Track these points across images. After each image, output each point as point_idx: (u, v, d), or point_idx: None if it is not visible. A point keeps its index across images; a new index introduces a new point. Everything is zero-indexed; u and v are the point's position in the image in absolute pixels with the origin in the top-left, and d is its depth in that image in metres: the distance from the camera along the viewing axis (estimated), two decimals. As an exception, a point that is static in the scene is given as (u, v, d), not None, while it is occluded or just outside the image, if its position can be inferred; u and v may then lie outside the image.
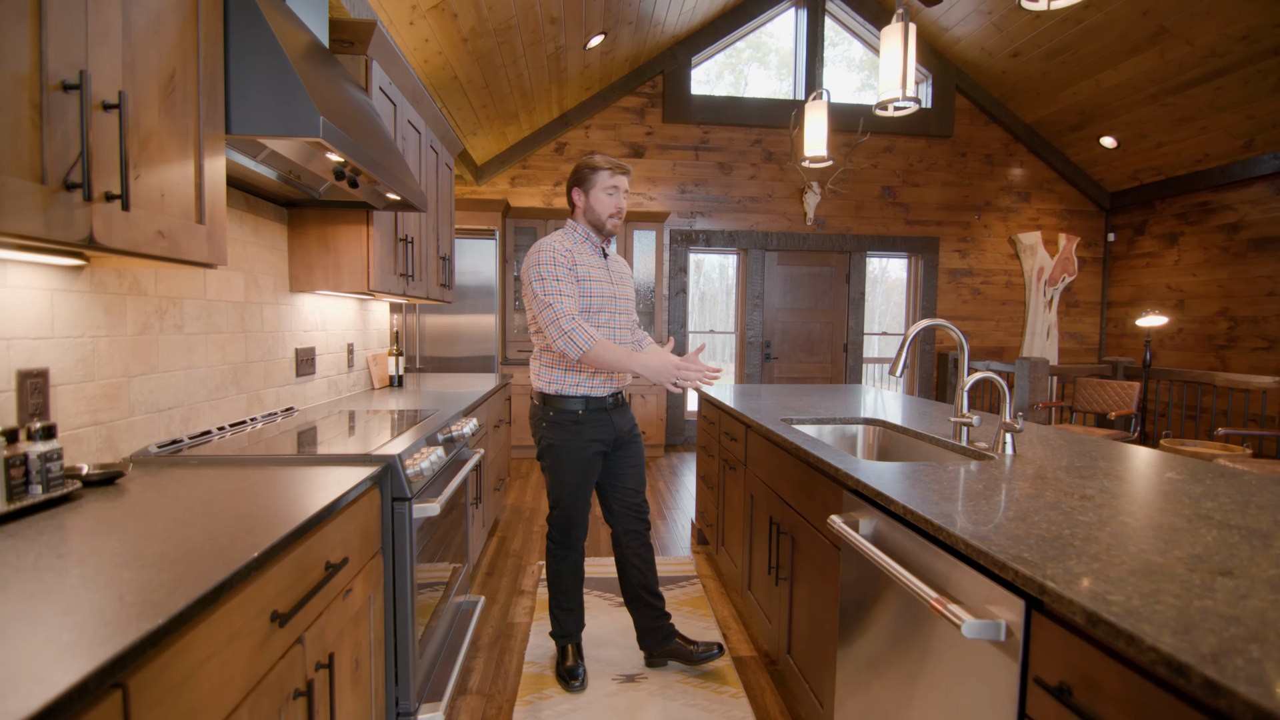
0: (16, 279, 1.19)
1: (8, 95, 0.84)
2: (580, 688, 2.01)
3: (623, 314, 2.05)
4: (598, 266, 1.99)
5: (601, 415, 1.99)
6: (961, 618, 0.94)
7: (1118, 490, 1.31)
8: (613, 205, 1.95)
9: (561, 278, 1.87)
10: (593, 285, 1.95)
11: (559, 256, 1.89)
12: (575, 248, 1.95)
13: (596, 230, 1.99)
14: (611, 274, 2.03)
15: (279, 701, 1.00)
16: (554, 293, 1.85)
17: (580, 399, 1.96)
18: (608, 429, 2.01)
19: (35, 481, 1.11)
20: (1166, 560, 0.92)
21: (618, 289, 2.03)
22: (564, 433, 1.97)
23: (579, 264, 1.93)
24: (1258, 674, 0.62)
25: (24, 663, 0.61)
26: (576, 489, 2.00)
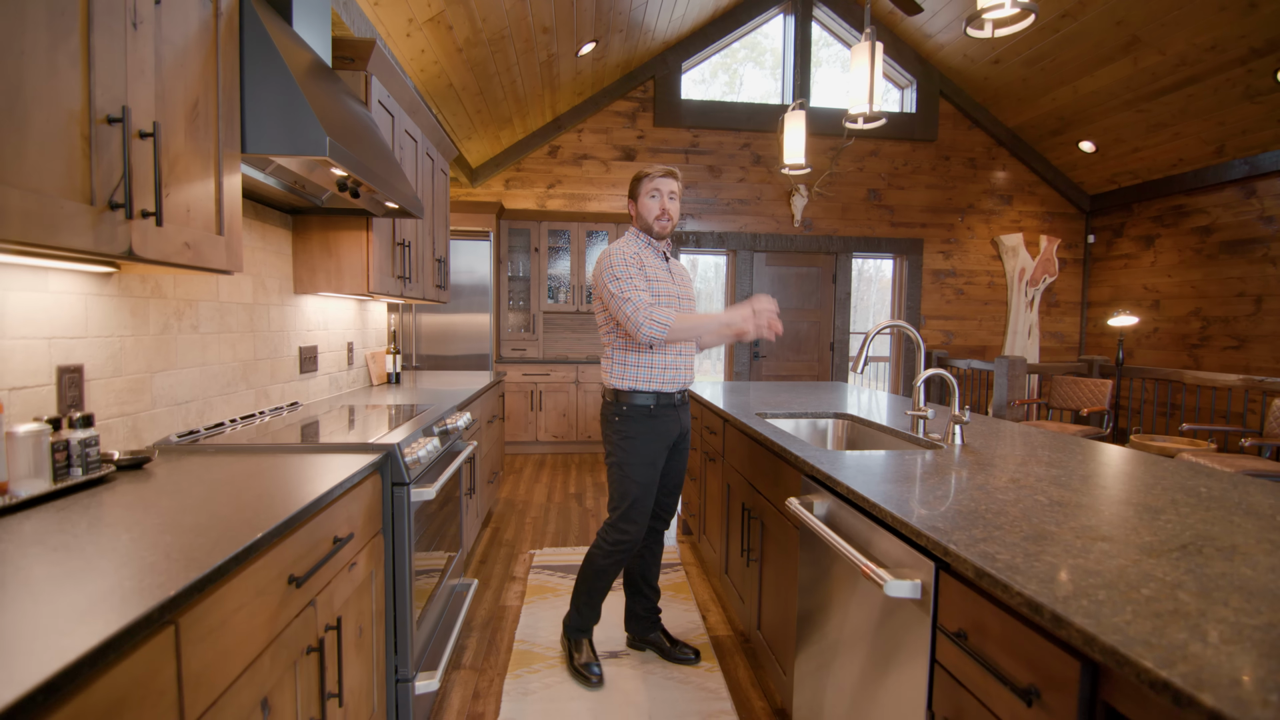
0: (57, 284, 1.33)
1: (64, 131, 0.99)
2: (600, 684, 2.06)
3: (685, 312, 2.14)
4: (661, 269, 2.09)
5: (670, 411, 2.09)
6: (884, 579, 1.09)
7: (1043, 475, 1.47)
8: (656, 208, 2.04)
9: (634, 275, 1.98)
10: (659, 285, 2.05)
11: (629, 258, 2.00)
12: (641, 251, 2.06)
13: (649, 234, 2.09)
14: (674, 276, 2.14)
15: (294, 655, 1.14)
16: (630, 288, 1.96)
17: (652, 394, 2.05)
18: (674, 424, 2.11)
19: (76, 464, 1.25)
20: (1060, 530, 1.07)
21: (680, 289, 2.14)
22: (636, 425, 2.05)
23: (646, 265, 2.04)
24: (1095, 610, 0.77)
25: (98, 601, 0.75)
26: (647, 484, 2.06)
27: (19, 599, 0.76)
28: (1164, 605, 0.79)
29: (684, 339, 1.98)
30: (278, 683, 1.08)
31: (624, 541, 2.08)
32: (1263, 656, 0.67)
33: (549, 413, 5.56)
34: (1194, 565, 0.92)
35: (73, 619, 0.71)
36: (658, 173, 2.06)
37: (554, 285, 5.83)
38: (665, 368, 2.07)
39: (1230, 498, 1.30)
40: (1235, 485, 1.40)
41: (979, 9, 1.68)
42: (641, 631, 2.27)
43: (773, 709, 1.96)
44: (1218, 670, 0.64)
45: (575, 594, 2.17)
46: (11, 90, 0.89)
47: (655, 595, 2.29)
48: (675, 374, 2.08)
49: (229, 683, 0.93)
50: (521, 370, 5.54)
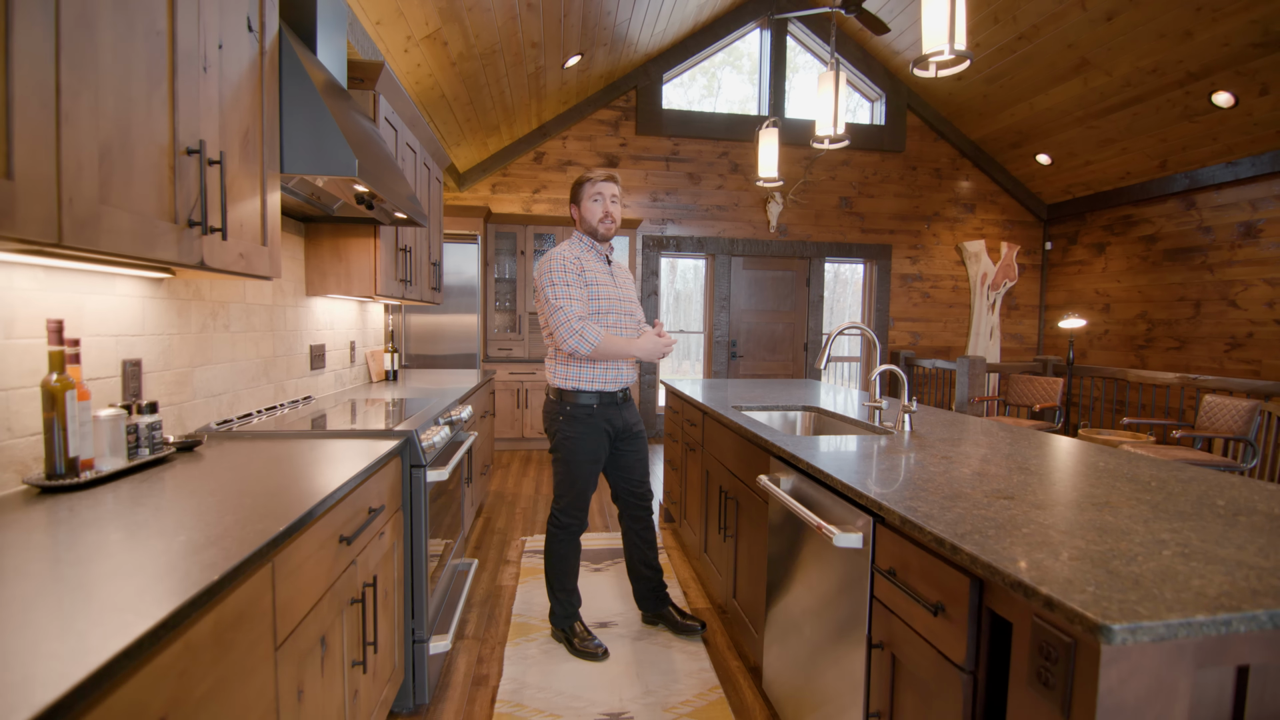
0: (122, 289, 1.52)
1: (156, 162, 1.19)
2: (605, 656, 2.19)
3: (627, 314, 2.25)
4: (603, 272, 2.19)
5: (612, 409, 2.22)
6: (834, 533, 1.33)
7: (972, 453, 1.73)
8: (600, 210, 2.13)
9: (571, 283, 2.07)
10: (600, 289, 2.15)
11: (568, 264, 2.09)
12: (583, 255, 2.16)
13: (593, 237, 2.18)
14: (615, 279, 2.23)
15: (342, 603, 1.35)
16: (564, 297, 2.05)
17: (594, 394, 2.18)
18: (616, 420, 2.24)
19: (144, 445, 1.44)
20: (974, 491, 1.32)
21: (622, 292, 2.23)
22: (580, 425, 2.18)
23: (586, 269, 2.13)
24: (983, 542, 1.02)
25: (213, 542, 0.96)
26: (590, 476, 2.23)
27: (151, 540, 0.96)
28: (1036, 539, 1.04)
29: (604, 359, 2.11)
30: (331, 625, 1.29)
31: (571, 527, 2.25)
32: (1093, 568, 0.92)
33: (535, 410, 5.75)
34: (1070, 514, 1.18)
35: (195, 554, 0.92)
36: (599, 176, 2.14)
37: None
38: (607, 368, 2.18)
39: (1121, 470, 1.57)
40: (1128, 461, 1.67)
41: (924, 54, 1.93)
42: (652, 609, 2.43)
43: (747, 667, 2.20)
44: (1058, 575, 0.89)
45: (549, 586, 2.32)
46: (123, 131, 1.09)
47: (656, 574, 2.42)
48: (617, 374, 2.21)
49: (301, 617, 1.14)
50: (508, 369, 5.73)
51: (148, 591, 0.78)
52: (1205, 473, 1.54)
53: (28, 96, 0.88)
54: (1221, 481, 1.46)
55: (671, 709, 1.95)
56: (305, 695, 1.16)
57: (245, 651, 0.93)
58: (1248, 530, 1.11)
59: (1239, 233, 5.27)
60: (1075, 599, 0.81)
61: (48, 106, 0.92)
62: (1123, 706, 0.79)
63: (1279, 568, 0.94)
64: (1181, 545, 1.03)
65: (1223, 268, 5.39)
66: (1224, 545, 1.03)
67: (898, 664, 1.21)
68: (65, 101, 0.95)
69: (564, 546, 2.28)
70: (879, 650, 1.26)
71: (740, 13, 6.22)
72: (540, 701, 1.98)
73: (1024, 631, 0.90)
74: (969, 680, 1.01)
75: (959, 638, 1.02)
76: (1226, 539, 1.06)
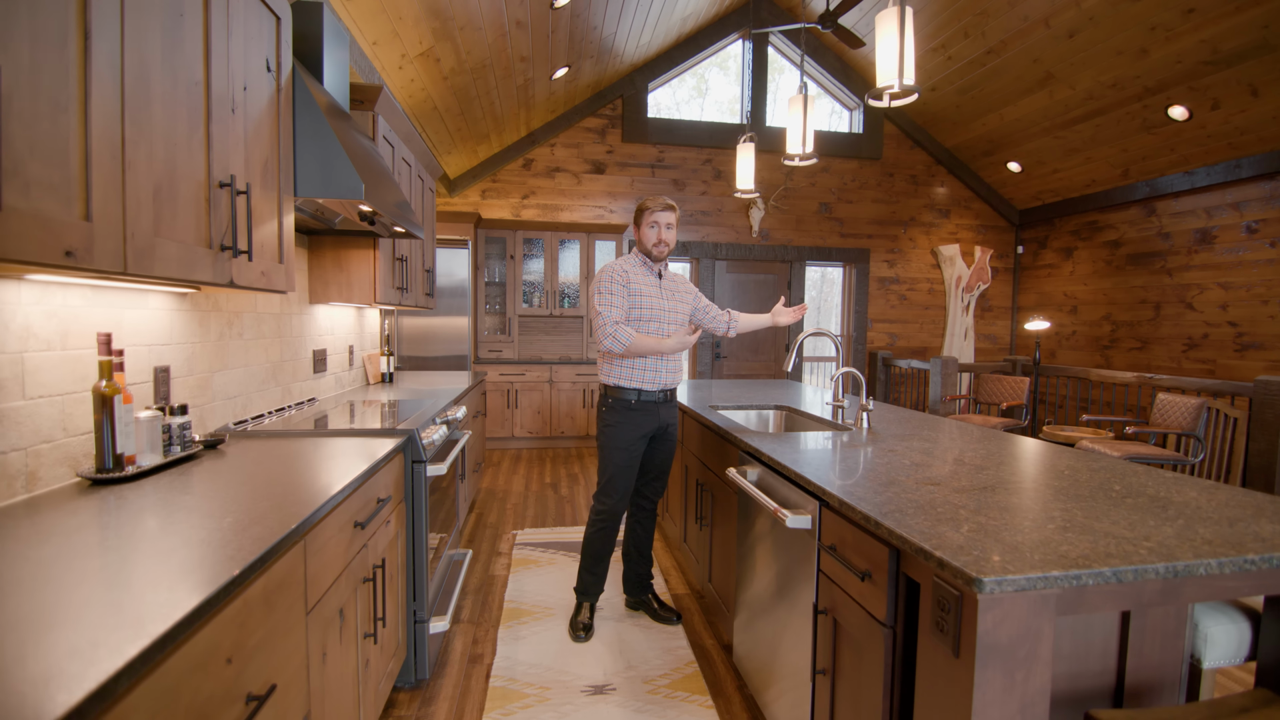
0: (154, 303, 1.69)
1: (195, 196, 1.36)
2: (585, 638, 2.41)
3: (673, 323, 2.46)
4: (651, 285, 2.42)
5: (651, 407, 2.44)
6: (786, 515, 1.53)
7: (917, 447, 1.94)
8: (654, 237, 2.41)
9: (616, 293, 2.34)
10: (644, 299, 2.39)
11: (616, 276, 2.36)
12: (632, 270, 2.40)
13: (648, 257, 2.44)
14: (664, 291, 2.46)
15: (356, 582, 1.53)
16: (606, 305, 2.33)
17: (635, 390, 2.41)
18: (653, 419, 2.45)
19: (175, 443, 1.62)
20: (907, 479, 1.53)
21: (669, 303, 2.46)
22: (618, 417, 2.41)
23: (633, 282, 2.38)
24: (901, 519, 1.22)
25: (256, 521, 1.14)
26: (622, 465, 2.42)
27: (205, 520, 1.14)
28: (946, 516, 1.24)
29: (636, 355, 2.36)
30: (348, 599, 1.48)
31: (603, 512, 2.46)
32: (985, 538, 1.13)
33: (524, 410, 5.93)
34: (983, 497, 1.39)
35: (243, 531, 1.10)
36: (657, 207, 2.41)
37: (528, 290, 6.20)
38: (645, 369, 2.42)
39: (1044, 461, 1.78)
40: (1055, 453, 1.89)
41: (878, 88, 2.14)
42: (635, 594, 2.64)
43: (720, 644, 2.40)
44: (954, 542, 1.09)
45: (580, 563, 2.55)
46: (170, 171, 1.27)
47: (646, 564, 2.63)
48: (655, 375, 2.43)
49: (325, 589, 1.32)
50: (498, 370, 5.91)
51: (213, 558, 0.96)
52: (1116, 463, 1.76)
53: (102, 151, 1.06)
54: (1125, 470, 1.67)
55: (650, 681, 2.14)
56: (328, 658, 1.35)
57: (285, 612, 1.11)
58: (1129, 510, 1.33)
59: (1195, 239, 5.55)
60: (960, 560, 1.02)
61: (116, 158, 1.10)
62: (998, 645, 1.00)
63: (1137, 537, 1.15)
64: (1066, 521, 1.23)
65: (1181, 272, 5.67)
66: (1101, 520, 1.24)
67: (838, 626, 1.42)
68: (128, 151, 1.13)
69: (592, 529, 2.50)
70: (824, 616, 1.46)
71: (723, 25, 6.43)
72: (531, 676, 2.16)
73: (928, 590, 1.10)
74: (889, 634, 1.21)
75: (881, 599, 1.22)
76: (1106, 516, 1.27)
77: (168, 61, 1.25)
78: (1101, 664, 1.33)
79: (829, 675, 1.45)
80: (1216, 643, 1.30)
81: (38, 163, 0.94)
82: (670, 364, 2.47)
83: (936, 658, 1.08)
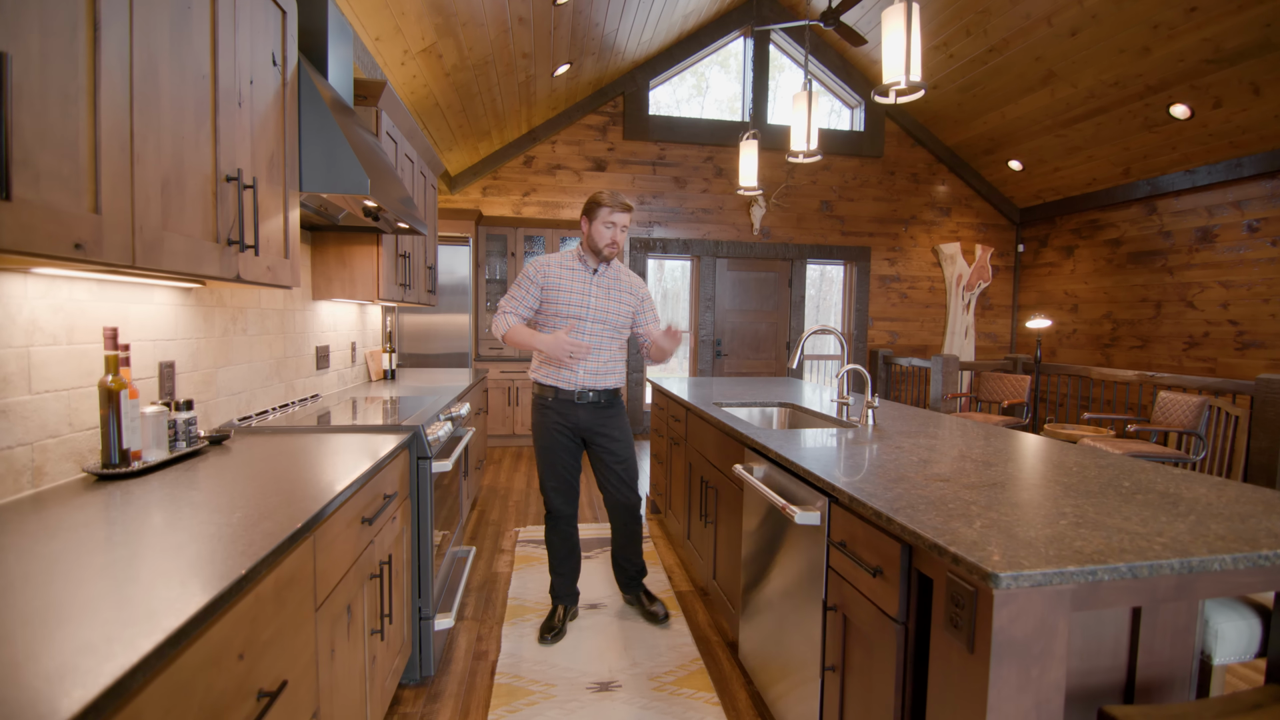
0: (159, 298, 1.68)
1: (202, 190, 1.35)
2: (549, 641, 2.34)
3: (601, 322, 2.34)
4: (579, 281, 2.32)
5: (567, 406, 2.35)
6: (795, 512, 1.53)
7: (923, 444, 1.93)
8: (608, 237, 2.29)
9: (523, 285, 2.33)
10: (562, 294, 2.30)
11: (530, 274, 2.33)
12: (554, 268, 2.33)
13: (594, 255, 2.33)
14: (599, 288, 2.34)
15: (364, 577, 1.53)
16: (509, 296, 2.34)
17: (551, 389, 2.36)
18: (571, 420, 2.36)
19: (181, 439, 1.61)
20: (916, 475, 1.53)
21: (600, 301, 2.33)
22: (537, 414, 2.42)
23: (551, 278, 2.31)
24: (913, 514, 1.22)
25: (266, 515, 1.13)
26: (546, 463, 2.41)
27: (214, 515, 1.14)
28: (957, 511, 1.24)
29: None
30: (355, 595, 1.47)
31: (547, 513, 2.48)
32: (999, 533, 1.12)
33: (525, 408, 5.92)
34: (993, 493, 1.38)
35: (253, 526, 1.09)
36: (616, 206, 2.27)
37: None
38: (559, 368, 2.34)
39: (1052, 458, 1.78)
40: (1060, 450, 1.89)
41: (884, 85, 2.13)
42: (628, 591, 2.63)
43: (725, 641, 2.40)
44: (967, 538, 1.09)
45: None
46: (178, 165, 1.26)
47: (634, 569, 2.58)
48: (570, 375, 2.33)
49: (334, 585, 1.31)
50: (499, 368, 5.90)
51: (223, 552, 0.96)
52: (1124, 460, 1.76)
53: (111, 143, 1.05)
54: (1133, 467, 1.67)
55: (656, 678, 2.14)
56: (336, 654, 1.34)
57: (295, 608, 1.10)
58: (1140, 506, 1.32)
59: (1196, 237, 5.55)
60: (975, 555, 1.01)
61: (125, 150, 1.09)
62: (1013, 641, 0.99)
63: (1151, 533, 1.15)
64: (1078, 517, 1.23)
65: (1182, 270, 5.67)
66: (1113, 516, 1.24)
67: (848, 622, 1.41)
68: (137, 144, 1.12)
69: (547, 530, 2.51)
70: (833, 612, 1.46)
71: (724, 22, 6.42)
72: (536, 673, 2.16)
73: (941, 585, 1.10)
74: (901, 630, 1.21)
75: (893, 595, 1.22)
76: (1118, 512, 1.27)
77: (175, 54, 1.24)
78: (1112, 660, 1.33)
79: (838, 671, 1.45)
80: (1227, 639, 1.30)
81: (47, 154, 0.93)
82: (589, 364, 2.34)
83: (950, 654, 1.08)
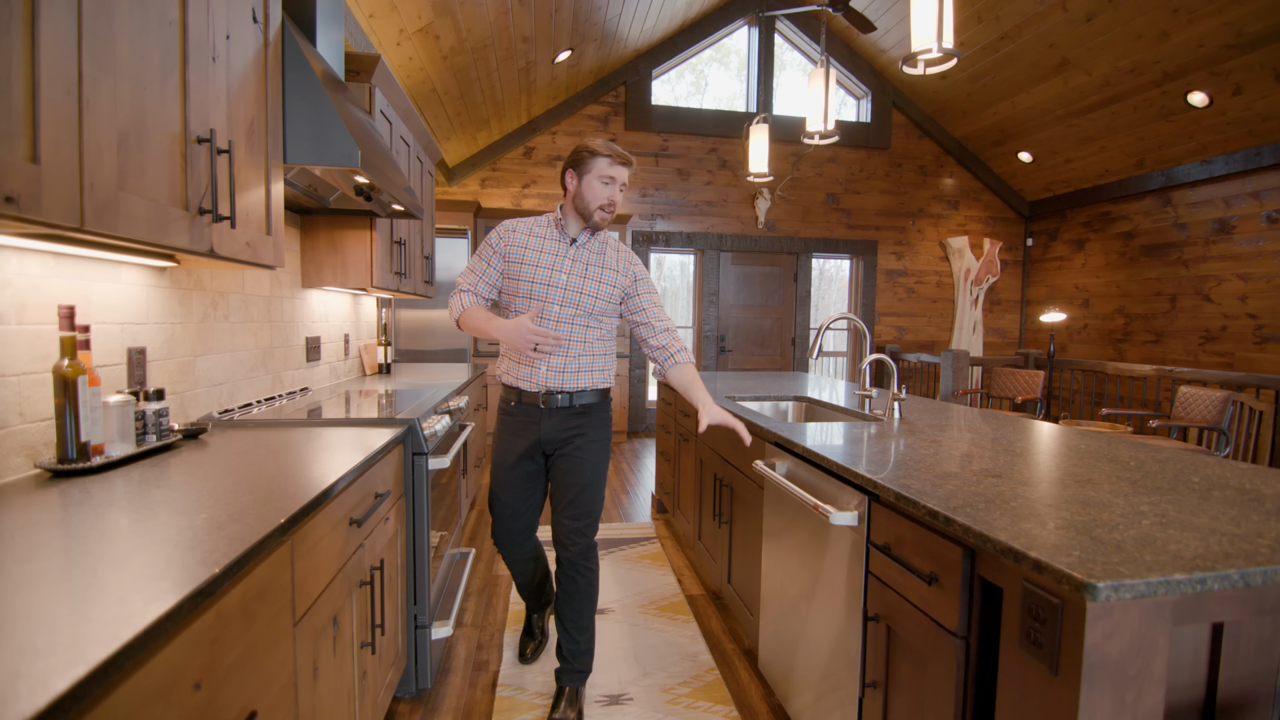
0: (127, 277, 1.53)
1: (169, 150, 1.20)
2: (528, 661, 2.11)
3: (567, 304, 1.82)
4: (549, 253, 1.83)
5: (532, 411, 1.86)
6: (829, 511, 1.38)
7: (959, 438, 1.79)
8: (605, 195, 1.77)
9: (483, 255, 1.86)
10: (525, 269, 1.82)
11: (494, 238, 1.86)
12: (522, 233, 1.86)
13: (583, 219, 1.82)
14: (575, 262, 1.83)
15: (352, 585, 1.38)
16: (468, 269, 1.88)
17: (515, 390, 1.89)
18: (532, 429, 1.86)
19: (151, 432, 1.46)
20: (963, 470, 1.38)
21: (573, 279, 1.82)
22: (499, 421, 1.94)
23: (516, 246, 1.84)
24: (974, 514, 1.08)
25: (235, 518, 0.98)
26: (498, 479, 1.92)
27: (175, 518, 0.99)
28: (1024, 511, 1.10)
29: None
30: (343, 606, 1.32)
31: (492, 527, 1.99)
32: (1078, 535, 0.98)
33: (525, 405, 5.77)
34: (1055, 490, 1.24)
35: (219, 529, 0.94)
36: (617, 159, 1.77)
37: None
38: (518, 364, 1.87)
39: (1102, 452, 1.64)
40: (1108, 443, 1.74)
41: (914, 52, 1.99)
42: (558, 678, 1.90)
43: (741, 649, 2.25)
44: (1044, 542, 0.95)
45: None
46: (139, 118, 1.11)
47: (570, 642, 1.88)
48: (530, 371, 1.84)
49: (317, 595, 1.16)
50: (499, 364, 5.74)
51: (179, 562, 0.81)
52: (1180, 453, 1.62)
53: (53, 83, 0.90)
54: (1196, 461, 1.53)
55: (669, 689, 1.99)
56: (320, 673, 1.19)
57: (268, 625, 0.96)
58: (1220, 503, 1.18)
59: (1213, 229, 5.42)
60: (1062, 561, 0.87)
61: (71, 94, 0.94)
62: (1106, 661, 0.85)
63: (1249, 534, 1.00)
64: (1159, 516, 1.09)
65: (1198, 263, 5.54)
66: (1199, 515, 1.10)
67: (893, 634, 1.27)
68: (86, 89, 0.97)
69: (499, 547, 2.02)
70: (874, 623, 1.31)
71: (729, 9, 6.27)
72: (540, 685, 2.01)
73: (1014, 596, 0.95)
74: (962, 645, 1.07)
75: (952, 605, 1.07)
76: (1201, 510, 1.13)
77: (135, -8, 1.09)
78: (1191, 677, 1.18)
79: (880, 688, 1.30)
80: (1322, 653, 1.15)
81: (-34, 86, 0.78)
82: (554, 359, 1.83)
83: (1026, 674, 0.93)
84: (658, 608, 2.55)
